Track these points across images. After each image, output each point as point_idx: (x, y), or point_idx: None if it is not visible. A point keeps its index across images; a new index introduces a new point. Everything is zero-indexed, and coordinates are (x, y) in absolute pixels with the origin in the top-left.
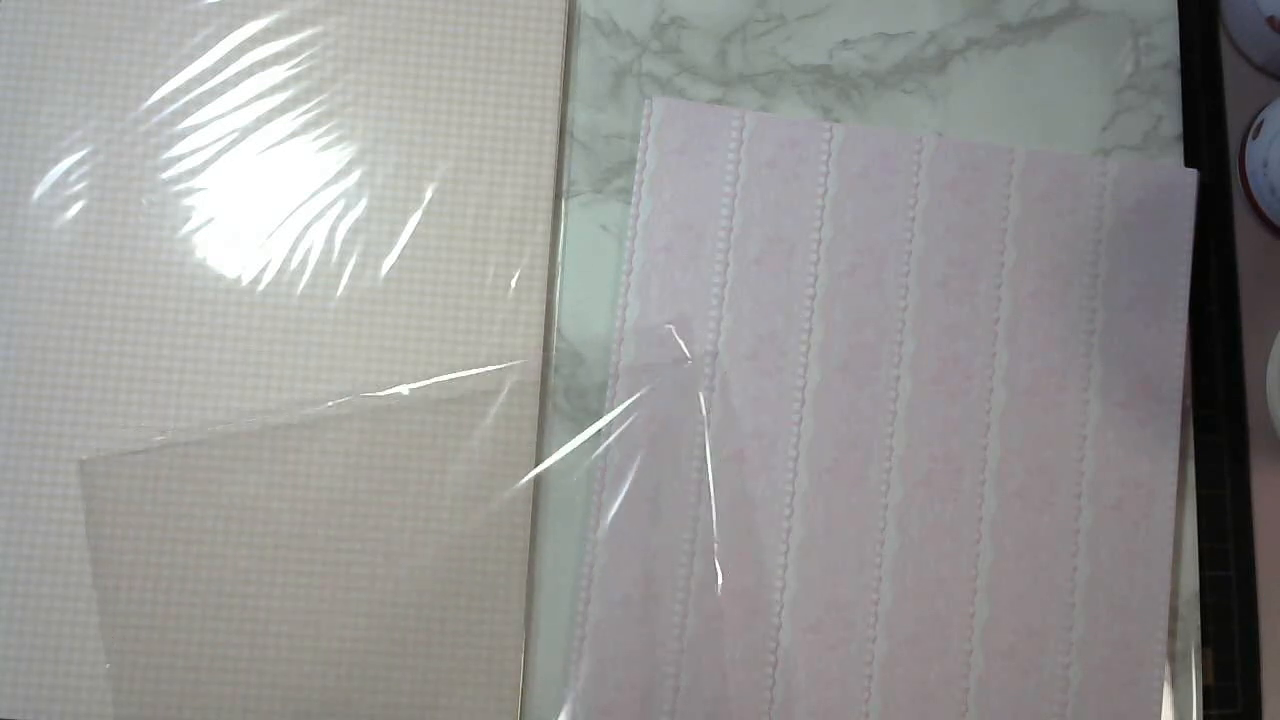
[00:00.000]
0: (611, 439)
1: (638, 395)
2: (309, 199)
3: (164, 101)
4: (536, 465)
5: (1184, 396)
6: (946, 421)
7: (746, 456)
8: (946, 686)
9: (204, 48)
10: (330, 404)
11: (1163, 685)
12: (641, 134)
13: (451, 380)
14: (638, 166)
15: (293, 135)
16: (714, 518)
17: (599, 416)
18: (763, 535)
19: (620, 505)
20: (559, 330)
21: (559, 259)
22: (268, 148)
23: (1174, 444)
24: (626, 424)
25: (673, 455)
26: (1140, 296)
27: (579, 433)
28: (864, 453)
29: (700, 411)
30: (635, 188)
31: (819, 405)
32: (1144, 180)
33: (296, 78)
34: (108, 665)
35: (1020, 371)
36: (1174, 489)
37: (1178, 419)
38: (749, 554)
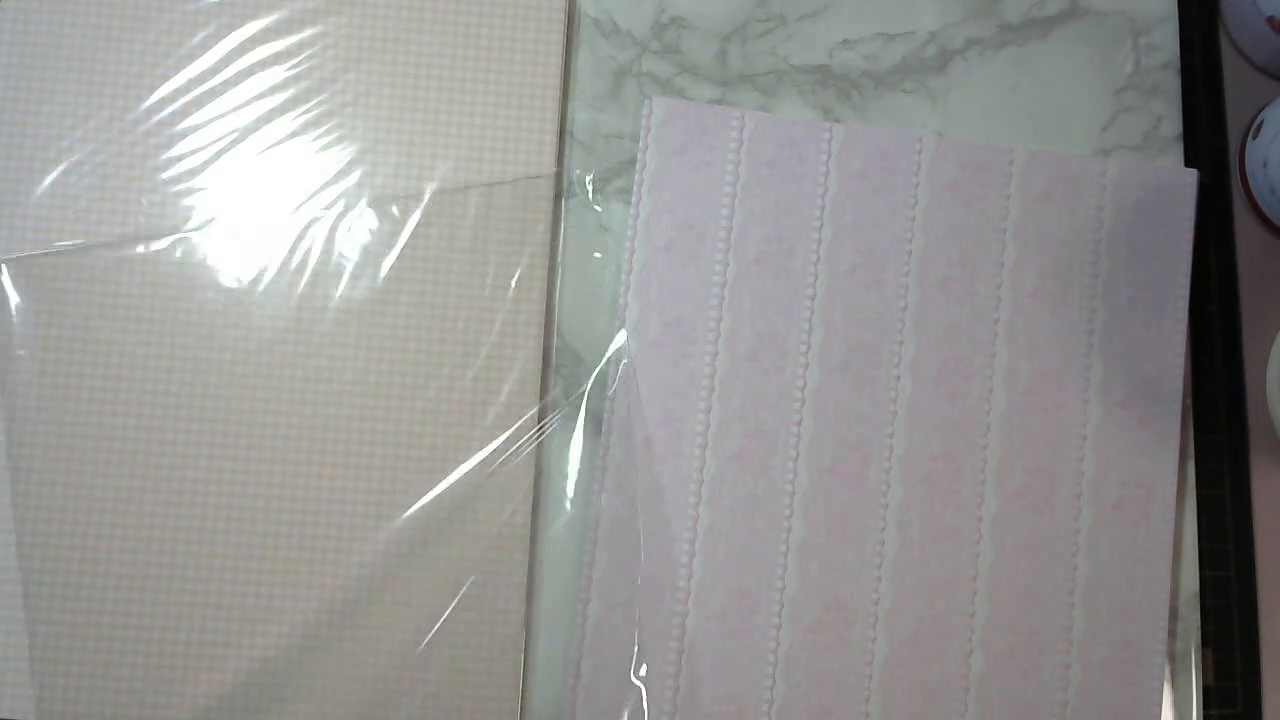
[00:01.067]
0: (611, 437)
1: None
2: (309, 199)
3: (164, 101)
4: (536, 465)
5: (1184, 397)
6: (946, 422)
7: (746, 456)
8: (946, 686)
9: (204, 48)
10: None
11: (1163, 685)
12: (641, 134)
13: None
14: (638, 166)
15: (293, 135)
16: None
17: (599, 416)
18: (763, 535)
19: (619, 505)
20: (559, 330)
21: (559, 259)
22: (268, 148)
23: (1174, 444)
24: (623, 420)
25: (673, 453)
26: (1140, 297)
27: (579, 433)
28: (864, 453)
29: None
30: (635, 188)
31: (819, 405)
32: (1144, 180)
33: (296, 78)
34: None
35: (1020, 372)
36: (1174, 489)
37: (1178, 419)
38: (750, 553)
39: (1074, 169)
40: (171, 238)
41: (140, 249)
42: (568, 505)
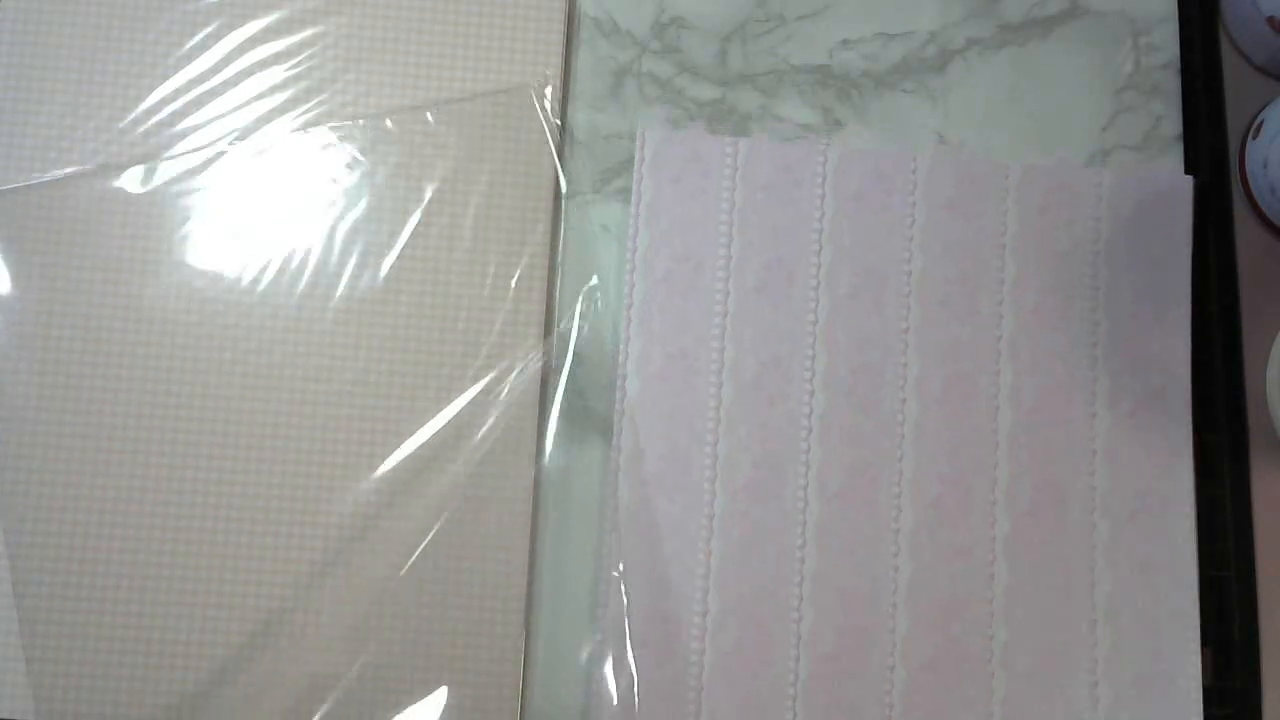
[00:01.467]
0: (619, 475)
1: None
2: (309, 199)
3: (164, 101)
4: (536, 465)
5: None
6: (954, 442)
7: (756, 487)
8: (970, 711)
9: (204, 48)
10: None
11: (1199, 698)
12: (635, 165)
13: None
14: (633, 199)
15: (293, 135)
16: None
17: (599, 416)
18: (776, 565)
19: (632, 544)
20: (559, 329)
21: (559, 259)
22: (268, 148)
23: (1186, 452)
24: (630, 459)
25: (681, 488)
26: (1142, 306)
27: (579, 433)
28: (873, 477)
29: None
30: (631, 220)
31: (825, 431)
32: (1140, 189)
33: (296, 78)
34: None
35: (1025, 388)
36: (1190, 498)
37: (1188, 428)
38: (764, 584)
39: (1069, 180)
40: (157, 162)
41: (115, 182)
42: (568, 504)
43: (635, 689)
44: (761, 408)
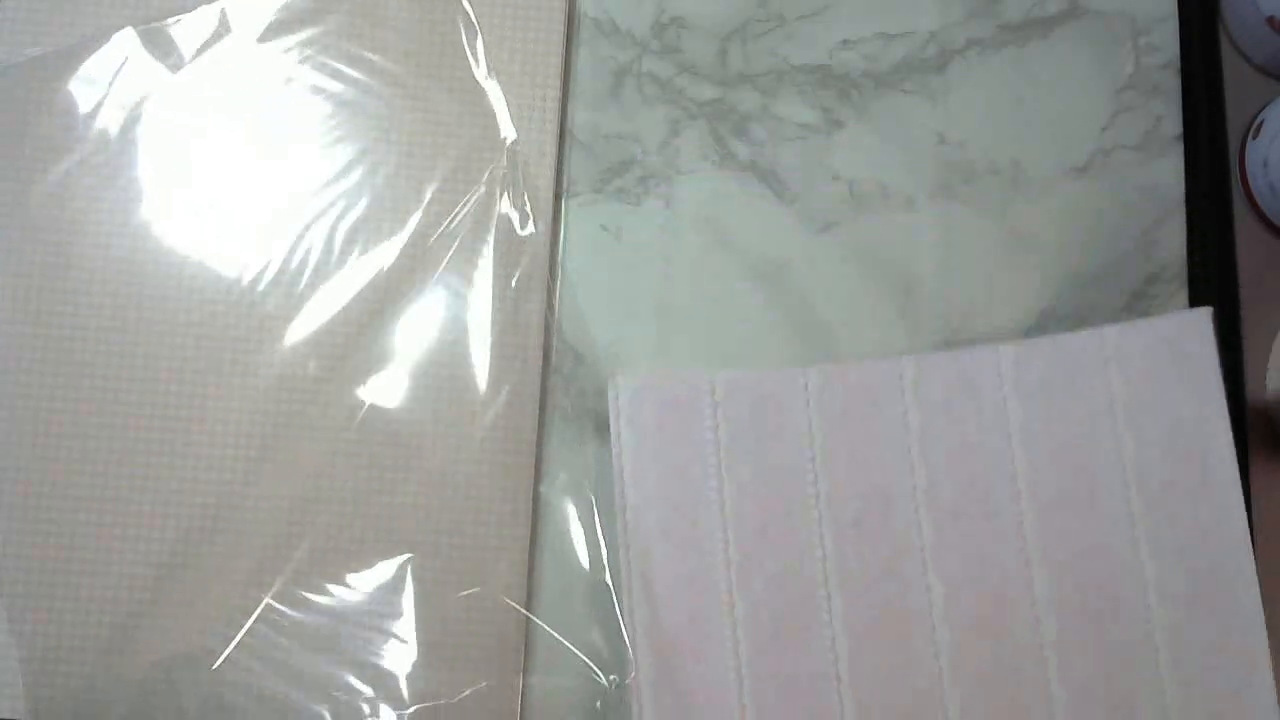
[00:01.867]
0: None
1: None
2: (309, 199)
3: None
4: (536, 465)
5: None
6: (997, 669)
7: None
8: None
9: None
10: None
11: None
12: (611, 418)
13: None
14: (614, 452)
15: (293, 135)
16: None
17: (599, 416)
18: None
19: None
20: (559, 330)
21: (559, 259)
22: (268, 148)
23: (1260, 630)
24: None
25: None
26: (1178, 469)
27: (579, 433)
28: (916, 718)
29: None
30: (616, 474)
31: (856, 679)
32: (1151, 338)
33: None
34: None
35: (1064, 590)
36: (1274, 696)
37: (1258, 604)
38: None
39: (1068, 349)
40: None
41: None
42: (568, 505)
43: None
44: (784, 662)
